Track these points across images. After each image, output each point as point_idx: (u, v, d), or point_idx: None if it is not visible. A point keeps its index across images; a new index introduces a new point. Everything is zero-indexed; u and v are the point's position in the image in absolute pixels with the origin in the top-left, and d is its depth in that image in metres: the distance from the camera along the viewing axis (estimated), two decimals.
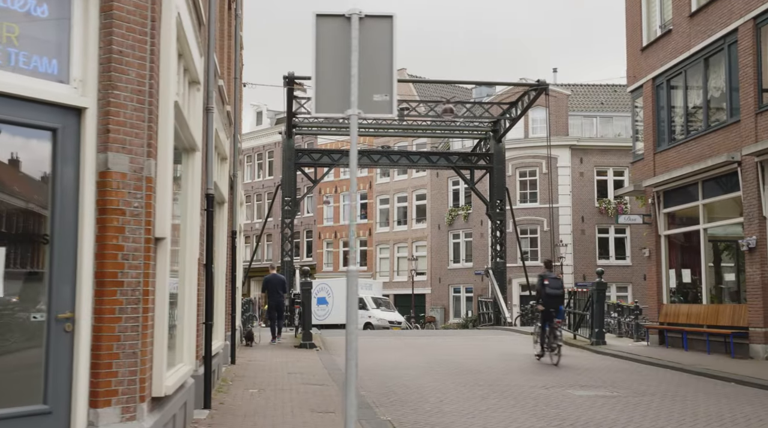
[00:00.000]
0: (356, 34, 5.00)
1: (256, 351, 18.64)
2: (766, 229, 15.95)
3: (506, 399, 10.70)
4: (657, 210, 20.48)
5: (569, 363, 16.03)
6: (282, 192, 31.47)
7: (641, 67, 21.45)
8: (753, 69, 16.29)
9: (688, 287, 19.44)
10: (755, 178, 16.07)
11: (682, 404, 10.28)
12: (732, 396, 11.12)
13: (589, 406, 10.04)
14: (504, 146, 33.13)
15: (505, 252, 32.86)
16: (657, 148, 20.57)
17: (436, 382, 12.78)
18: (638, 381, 12.95)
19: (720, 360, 16.09)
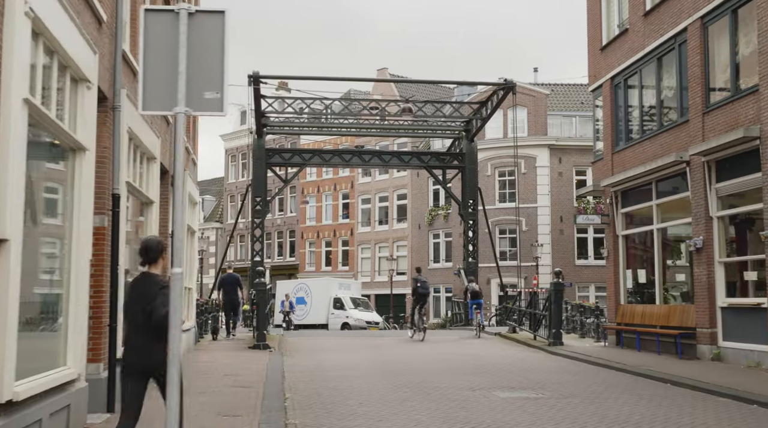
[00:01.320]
0: (185, 29, 4.87)
1: (208, 351, 18.53)
2: (712, 229, 15.85)
3: (427, 402, 10.58)
4: (615, 210, 20.38)
5: (513, 363, 15.95)
6: (252, 192, 31.24)
7: (601, 66, 21.36)
8: (700, 69, 16.19)
9: (643, 288, 19.33)
10: (702, 178, 15.97)
11: (598, 406, 10.16)
12: (656, 398, 11.01)
13: (506, 409, 9.93)
14: (476, 145, 32.96)
15: (477, 252, 32.69)
16: (615, 148, 20.47)
17: (368, 384, 12.66)
18: (572, 382, 12.83)
19: (667, 360, 16.00)
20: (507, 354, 18.46)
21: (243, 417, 9.22)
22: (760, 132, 13.97)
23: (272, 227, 61.81)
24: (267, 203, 31.74)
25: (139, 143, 11.23)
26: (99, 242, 9.18)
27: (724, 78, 15.70)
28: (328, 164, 33.67)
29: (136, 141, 11.06)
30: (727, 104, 15.25)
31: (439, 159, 32.88)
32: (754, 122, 14.21)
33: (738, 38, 15.16)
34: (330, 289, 43.57)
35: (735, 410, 10.08)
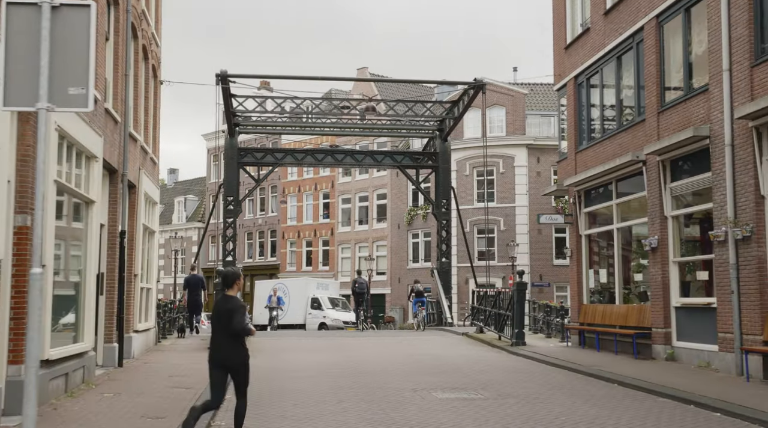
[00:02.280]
0: (47, 24, 4.75)
1: (166, 352, 18.36)
2: (667, 228, 15.80)
3: (363, 403, 10.49)
4: (578, 210, 20.34)
5: (470, 364, 15.86)
6: (224, 192, 31.08)
7: (565, 65, 21.30)
8: (656, 68, 16.15)
9: (605, 288, 19.29)
10: (657, 177, 15.92)
11: (532, 407, 10.09)
12: (595, 398, 10.94)
13: (437, 410, 9.85)
14: (450, 145, 32.92)
15: (450, 252, 32.66)
16: (578, 147, 20.42)
17: (315, 385, 12.57)
18: (519, 383, 12.76)
19: (623, 360, 15.95)
20: (467, 355, 18.37)
21: (167, 418, 9.11)
22: (709, 131, 13.93)
23: (253, 227, 61.64)
24: (239, 203, 31.60)
25: (74, 141, 11.08)
26: (21, 241, 9.04)
27: (679, 77, 15.66)
28: (301, 164, 33.57)
29: (70, 139, 10.91)
30: (681, 103, 15.21)
31: (413, 159, 32.81)
32: (705, 122, 14.17)
33: (691, 37, 15.12)
34: (308, 289, 43.43)
35: (669, 410, 10.02)
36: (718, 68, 13.68)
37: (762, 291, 12.50)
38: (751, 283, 12.68)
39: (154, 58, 19.28)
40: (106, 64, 14.33)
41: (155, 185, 19.40)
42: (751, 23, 12.88)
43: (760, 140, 12.67)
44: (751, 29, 12.88)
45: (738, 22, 13.15)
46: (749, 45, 12.90)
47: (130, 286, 16.32)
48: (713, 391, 11.05)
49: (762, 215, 12.62)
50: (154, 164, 19.47)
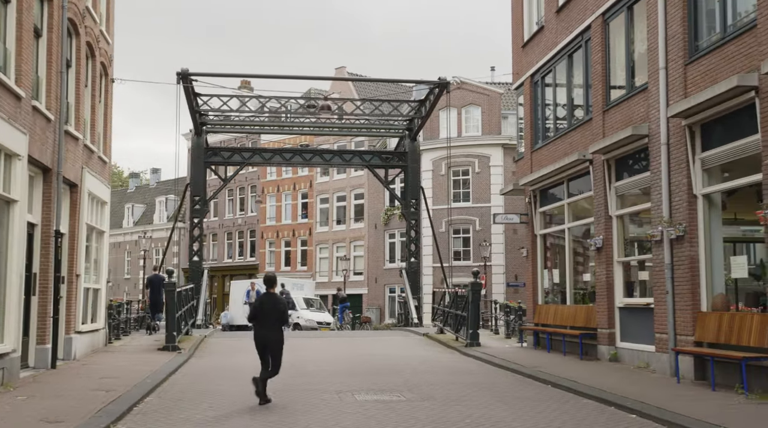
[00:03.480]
0: None
1: (113, 353, 18.09)
2: (612, 228, 15.68)
3: (277, 406, 10.31)
4: (533, 209, 20.21)
5: (414, 365, 15.72)
6: (190, 191, 30.84)
7: (522, 63, 21.17)
8: (602, 66, 16.02)
9: (558, 288, 19.16)
10: (602, 176, 15.79)
11: (447, 408, 9.94)
12: (519, 400, 10.78)
13: (349, 412, 9.69)
14: (419, 144, 32.75)
15: (419, 252, 32.48)
16: (534, 146, 20.29)
17: (241, 387, 12.26)
18: (450, 384, 12.61)
19: (569, 361, 15.82)
20: (417, 355, 18.23)
21: (66, 423, 8.88)
22: (648, 130, 13.80)
23: (233, 226, 61.39)
24: (206, 203, 31.33)
25: None
26: None
27: (623, 75, 15.53)
28: (268, 163, 33.34)
29: None
30: (623, 102, 15.09)
31: (382, 158, 32.62)
32: (645, 120, 14.04)
33: (634, 35, 14.99)
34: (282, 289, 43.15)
35: (586, 412, 9.88)
36: (655, 66, 13.56)
37: (694, 292, 12.37)
38: (684, 283, 12.56)
39: (104, 56, 19.04)
40: (38, 61, 14.13)
41: (105, 185, 19.15)
42: (685, 21, 12.76)
43: (693, 138, 12.54)
44: (684, 27, 12.76)
45: (673, 20, 13.02)
46: (683, 43, 12.77)
47: (72, 286, 16.10)
48: (638, 392, 10.91)
49: (695, 215, 12.49)
50: (103, 163, 19.23)
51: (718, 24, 11.99)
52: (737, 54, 11.24)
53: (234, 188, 61.42)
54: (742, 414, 9.20)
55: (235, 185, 61.29)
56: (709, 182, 12.37)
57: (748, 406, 9.70)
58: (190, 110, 28.46)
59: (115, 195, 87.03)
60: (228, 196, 61.98)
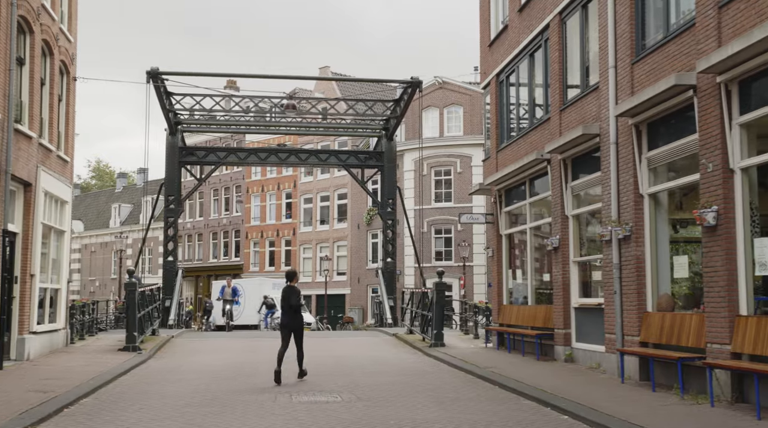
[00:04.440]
0: None
1: (71, 353, 17.92)
2: (568, 228, 15.59)
3: (211, 407, 10.22)
4: (499, 209, 20.12)
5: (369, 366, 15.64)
6: (164, 191, 30.69)
7: (488, 63, 21.08)
8: (559, 65, 15.94)
9: (521, 288, 19.07)
10: (559, 176, 15.71)
11: (378, 410, 9.84)
12: (457, 401, 10.69)
13: (280, 414, 9.60)
14: (395, 144, 32.66)
15: (395, 252, 32.37)
16: (499, 145, 20.19)
17: (184, 388, 12.27)
18: (396, 384, 12.52)
19: (525, 362, 15.74)
20: (378, 356, 18.14)
21: None
22: (599, 130, 13.72)
23: (218, 226, 61.23)
24: (180, 203, 31.18)
25: None
26: None
27: (578, 75, 15.45)
28: (243, 163, 33.20)
29: None
30: (578, 101, 15.01)
31: (358, 158, 32.50)
32: (596, 120, 13.96)
33: (588, 34, 14.91)
34: (262, 290, 43.01)
35: (520, 413, 9.78)
36: (605, 65, 13.49)
37: (639, 292, 12.29)
38: (630, 283, 12.48)
39: (64, 54, 18.90)
40: None
41: (65, 184, 19.00)
42: (632, 19, 12.68)
43: (639, 137, 12.46)
44: (632, 26, 12.68)
45: (622, 19, 12.95)
46: (630, 42, 12.70)
47: (25, 286, 15.97)
48: (578, 394, 10.82)
49: (641, 215, 12.41)
50: (64, 162, 19.08)
51: (662, 23, 11.92)
52: (678, 53, 11.16)
53: (219, 187, 61.31)
54: (669, 415, 9.11)
55: (220, 185, 61.19)
56: (655, 182, 12.30)
57: (679, 407, 9.62)
58: (163, 110, 28.32)
59: (103, 195, 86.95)
60: (213, 196, 61.87)
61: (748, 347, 9.32)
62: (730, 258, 9.76)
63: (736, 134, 9.85)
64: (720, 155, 9.95)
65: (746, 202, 9.75)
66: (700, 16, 10.47)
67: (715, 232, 9.97)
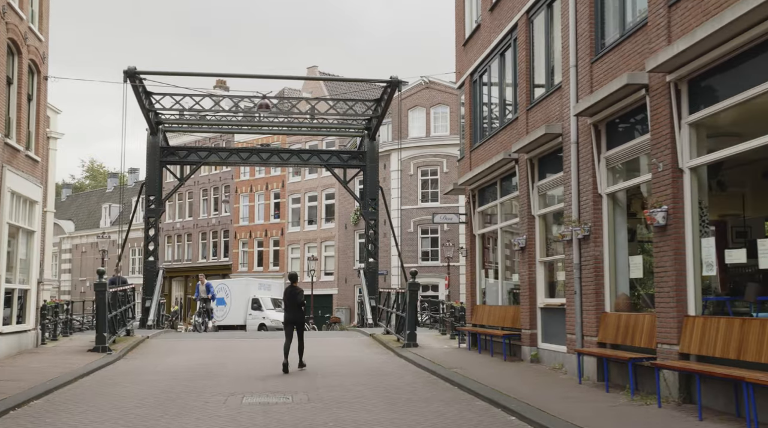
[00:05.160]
0: None
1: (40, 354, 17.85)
2: (534, 228, 15.53)
3: (160, 408, 10.17)
4: (472, 209, 20.05)
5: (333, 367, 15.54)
6: (145, 191, 30.59)
7: (463, 62, 21.02)
8: (526, 64, 15.88)
9: (492, 288, 19.01)
10: (526, 176, 15.65)
11: (321, 412, 9.77)
12: (410, 402, 10.62)
13: (223, 416, 9.53)
14: (377, 144, 32.59)
15: (377, 252, 32.30)
16: (472, 145, 20.13)
17: (142, 389, 12.22)
18: (352, 386, 12.46)
19: (492, 362, 15.68)
20: (349, 357, 18.09)
21: None
22: (562, 129, 13.66)
23: (207, 226, 61.12)
24: (161, 202, 31.08)
25: None
26: None
27: (543, 74, 15.38)
28: (225, 163, 33.12)
29: None
30: (544, 100, 14.94)
31: (341, 158, 32.42)
32: (560, 119, 13.90)
33: (553, 33, 14.84)
34: (249, 290, 42.99)
35: (471, 414, 9.72)
36: (567, 65, 13.43)
37: (597, 292, 12.24)
38: (589, 283, 12.43)
39: (34, 53, 18.81)
40: None
41: (35, 184, 18.90)
42: (592, 18, 12.63)
43: (598, 137, 12.41)
44: (591, 25, 12.62)
45: (582, 18, 12.89)
46: (590, 41, 12.64)
47: None
48: (532, 394, 10.76)
49: (600, 214, 12.35)
50: (34, 162, 18.98)
51: (619, 22, 11.86)
52: (632, 52, 11.11)
53: (208, 187, 61.21)
54: (614, 416, 9.05)
55: (209, 185, 61.10)
56: (613, 181, 12.24)
57: (626, 408, 9.56)
58: (142, 109, 28.23)
59: (94, 195, 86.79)
60: (203, 196, 61.77)
61: (694, 347, 9.26)
62: (678, 258, 9.70)
63: (685, 134, 9.79)
64: (670, 154, 9.89)
65: (695, 202, 9.69)
66: (652, 15, 10.42)
67: (665, 232, 9.92)
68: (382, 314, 25.67)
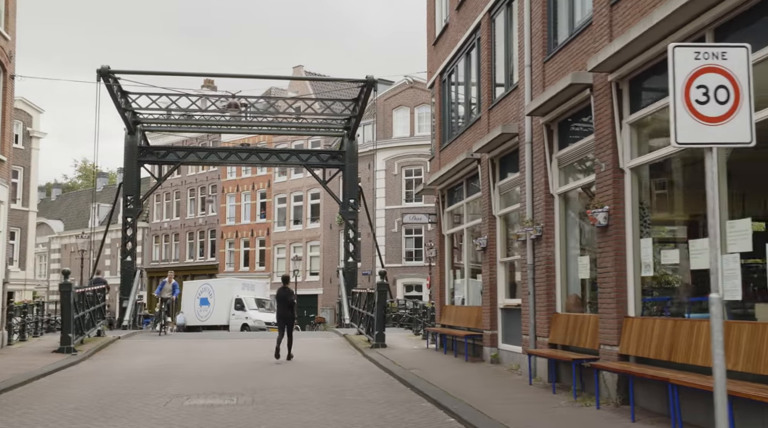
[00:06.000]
0: None
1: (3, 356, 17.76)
2: (496, 228, 15.47)
3: (98, 410, 10.06)
4: (441, 209, 20.00)
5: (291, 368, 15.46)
6: (123, 191, 30.48)
7: (433, 62, 20.97)
8: (488, 64, 15.82)
9: (460, 288, 18.95)
10: (488, 176, 15.59)
11: (263, 414, 9.71)
12: (352, 404, 10.54)
13: (156, 418, 9.43)
14: (357, 144, 32.54)
15: (357, 252, 32.25)
16: (441, 145, 20.08)
17: (86, 390, 12.14)
18: (306, 387, 12.39)
19: (453, 363, 15.63)
20: (314, 357, 18.08)
21: None
22: (518, 129, 13.60)
23: (194, 226, 61.01)
24: (139, 202, 30.98)
25: None
26: None
27: (503, 73, 15.33)
28: (203, 163, 33.06)
29: None
30: (503, 100, 14.89)
31: (320, 158, 32.36)
32: (517, 119, 13.84)
33: (512, 33, 14.78)
34: (232, 290, 42.84)
35: (410, 415, 9.64)
36: (522, 64, 13.37)
37: (549, 292, 12.19)
38: (542, 284, 12.37)
39: (0, 53, 18.72)
40: None
41: (4, 184, 18.81)
42: (545, 18, 12.58)
43: (550, 137, 12.36)
44: (544, 24, 12.57)
45: (536, 17, 12.84)
46: (543, 40, 12.60)
47: None
48: (480, 396, 10.69)
49: (552, 215, 12.30)
50: None
51: (568, 21, 11.81)
52: (579, 52, 11.06)
53: (195, 187, 61.09)
54: (552, 418, 8.99)
55: (196, 185, 60.98)
56: (564, 181, 12.19)
57: (566, 409, 9.50)
58: (118, 109, 28.12)
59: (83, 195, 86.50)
60: (190, 196, 61.64)
61: (632, 348, 9.21)
62: (619, 259, 9.65)
63: (626, 133, 9.74)
64: (611, 154, 9.84)
65: (635, 202, 9.65)
66: (596, 15, 10.37)
67: (606, 232, 9.87)
68: (355, 315, 25.60)
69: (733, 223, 7.53)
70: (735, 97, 5.11)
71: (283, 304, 17.43)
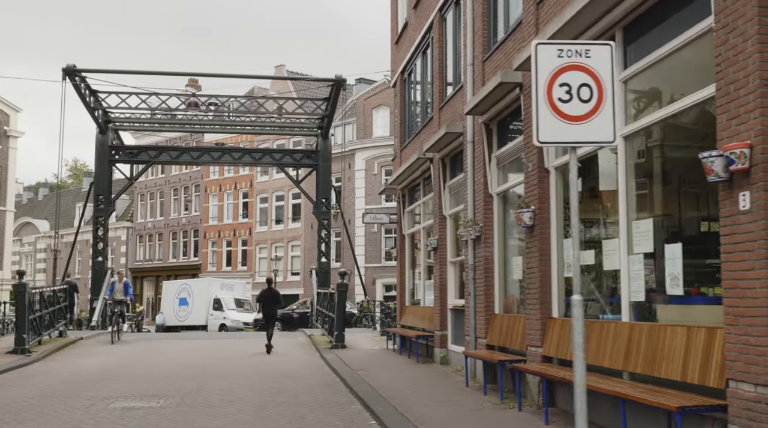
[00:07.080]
0: None
1: None
2: (446, 228, 15.37)
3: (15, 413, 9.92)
4: (402, 209, 19.90)
5: (245, 370, 15.34)
6: (94, 190, 30.31)
7: (395, 60, 20.88)
8: (439, 62, 15.72)
9: (420, 288, 18.85)
10: (438, 175, 15.49)
11: (187, 415, 9.59)
12: (281, 406, 10.43)
13: (70, 420, 9.29)
14: (331, 143, 32.42)
15: (330, 252, 32.12)
16: (402, 144, 19.98)
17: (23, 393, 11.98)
18: (244, 388, 12.29)
19: (404, 364, 15.54)
20: (269, 358, 17.91)
21: None
22: (463, 129, 13.50)
23: (177, 226, 60.82)
24: (111, 202, 30.81)
25: None
26: None
27: (452, 72, 15.23)
28: (176, 162, 32.93)
29: None
30: (452, 99, 14.79)
31: (293, 157, 32.23)
32: (462, 118, 13.74)
33: (460, 31, 14.66)
34: (211, 290, 42.66)
35: (337, 418, 9.52)
36: (466, 63, 13.27)
37: (488, 293, 12.09)
38: (481, 284, 12.27)
39: None
40: None
41: None
42: (485, 16, 12.48)
43: (490, 136, 12.25)
44: (484, 23, 12.48)
45: (477, 15, 12.75)
46: (483, 39, 12.49)
47: None
48: (409, 398, 10.60)
49: (490, 215, 12.20)
50: None
51: (504, 20, 11.71)
52: (512, 50, 10.96)
53: (179, 187, 60.90)
54: (471, 420, 8.89)
55: (179, 184, 60.79)
56: (503, 181, 12.09)
57: (488, 411, 9.40)
58: (87, 108, 27.96)
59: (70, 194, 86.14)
60: (173, 195, 61.44)
61: (554, 350, 9.11)
62: (543, 259, 9.55)
63: None
64: (537, 154, 9.74)
65: (560, 202, 9.55)
66: (525, 13, 10.28)
67: (532, 232, 9.77)
68: (319, 315, 25.50)
69: (638, 223, 7.44)
70: (598, 96, 5.02)
71: (269, 303, 19.39)
